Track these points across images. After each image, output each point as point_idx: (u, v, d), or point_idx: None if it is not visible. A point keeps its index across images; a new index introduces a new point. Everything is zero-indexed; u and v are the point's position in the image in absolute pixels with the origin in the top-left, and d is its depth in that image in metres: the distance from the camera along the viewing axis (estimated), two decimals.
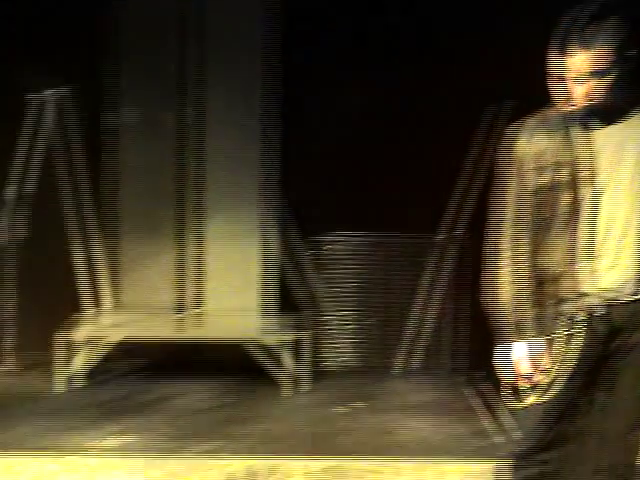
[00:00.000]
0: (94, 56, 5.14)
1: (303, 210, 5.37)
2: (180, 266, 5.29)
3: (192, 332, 5.11)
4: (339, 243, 5.46)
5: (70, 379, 4.88)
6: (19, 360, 5.26)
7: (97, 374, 5.02)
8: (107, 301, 5.38)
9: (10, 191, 5.27)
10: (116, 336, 4.99)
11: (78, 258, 5.32)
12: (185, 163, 5.32)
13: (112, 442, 4.04)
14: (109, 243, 5.35)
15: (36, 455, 3.87)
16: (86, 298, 5.33)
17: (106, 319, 5.25)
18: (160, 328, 5.09)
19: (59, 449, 3.94)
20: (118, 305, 5.37)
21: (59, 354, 4.88)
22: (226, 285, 5.29)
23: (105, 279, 5.37)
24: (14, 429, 4.20)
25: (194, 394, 4.81)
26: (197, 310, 5.29)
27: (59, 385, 4.87)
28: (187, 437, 4.12)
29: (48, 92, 5.29)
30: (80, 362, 4.93)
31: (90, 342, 4.96)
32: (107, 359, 5.07)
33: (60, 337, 4.88)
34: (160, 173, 5.32)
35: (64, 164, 5.33)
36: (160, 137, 5.32)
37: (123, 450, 3.97)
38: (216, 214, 5.32)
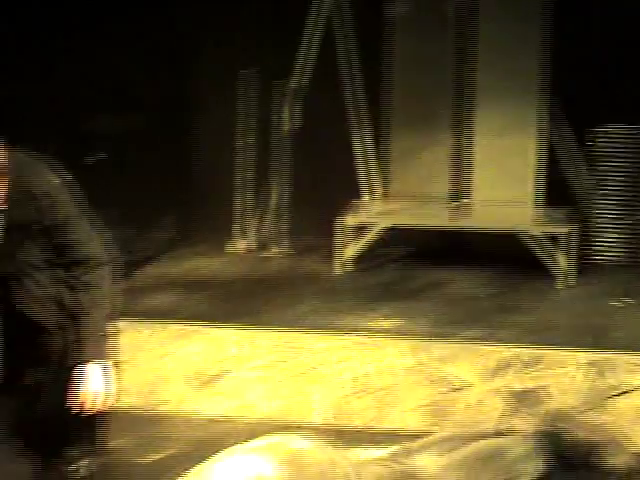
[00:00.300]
0: None
1: (578, 102, 5.24)
2: (454, 156, 5.32)
3: (463, 221, 5.16)
4: (612, 137, 5.31)
5: (345, 263, 5.06)
6: (294, 244, 5.49)
7: (370, 259, 5.17)
8: (378, 190, 5.48)
9: (293, 82, 5.42)
10: (386, 223, 5.10)
11: (353, 148, 5.44)
12: (462, 53, 5.29)
13: (384, 324, 4.20)
14: (382, 133, 5.44)
15: (316, 333, 4.10)
16: (361, 186, 5.47)
17: (377, 207, 5.37)
18: (431, 217, 5.17)
19: (336, 328, 4.16)
20: (389, 194, 5.46)
21: (338, 239, 5.05)
22: (499, 176, 5.28)
23: (376, 168, 5.46)
24: (294, 308, 4.45)
25: (464, 282, 4.88)
26: (468, 200, 5.32)
27: (337, 268, 5.05)
28: (456, 323, 4.21)
29: None
30: (356, 247, 5.09)
31: (364, 228, 5.11)
32: (379, 245, 5.23)
33: (339, 223, 5.05)
34: (436, 63, 5.32)
35: (342, 54, 5.41)
36: (438, 26, 5.29)
37: (394, 332, 4.11)
38: (491, 104, 5.28)
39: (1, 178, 3.08)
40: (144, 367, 4.12)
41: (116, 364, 3.33)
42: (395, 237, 5.11)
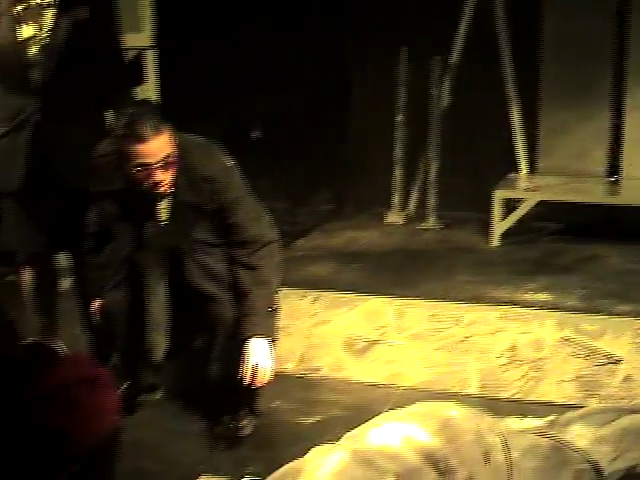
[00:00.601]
0: None
1: None
2: (609, 132, 5.20)
3: (618, 198, 5.05)
4: None
5: (499, 236, 5.02)
6: (450, 216, 5.50)
7: (522, 234, 5.11)
8: (532, 164, 5.42)
9: (451, 58, 5.40)
10: (541, 197, 5.03)
11: (509, 123, 5.39)
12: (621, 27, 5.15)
13: (537, 296, 4.15)
14: (531, 108, 5.35)
15: (469, 304, 4.10)
16: (516, 161, 5.41)
17: (531, 181, 5.30)
18: (585, 192, 5.07)
19: (490, 300, 4.13)
20: (542, 169, 5.38)
21: (496, 211, 5.01)
22: None
23: (522, 145, 5.40)
24: (449, 279, 4.44)
25: (617, 257, 4.75)
26: (621, 176, 5.20)
27: (493, 240, 5.02)
28: (609, 297, 4.12)
29: None
30: (510, 220, 5.04)
31: (518, 202, 5.06)
32: (533, 219, 5.17)
33: (497, 195, 5.01)
34: (593, 36, 5.19)
35: (499, 28, 5.34)
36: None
37: (547, 305, 4.06)
38: None
39: (169, 167, 3.21)
40: (303, 333, 4.22)
41: (275, 337, 3.45)
42: (546, 212, 5.02)
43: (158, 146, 3.14)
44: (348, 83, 5.92)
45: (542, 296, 4.13)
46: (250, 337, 3.33)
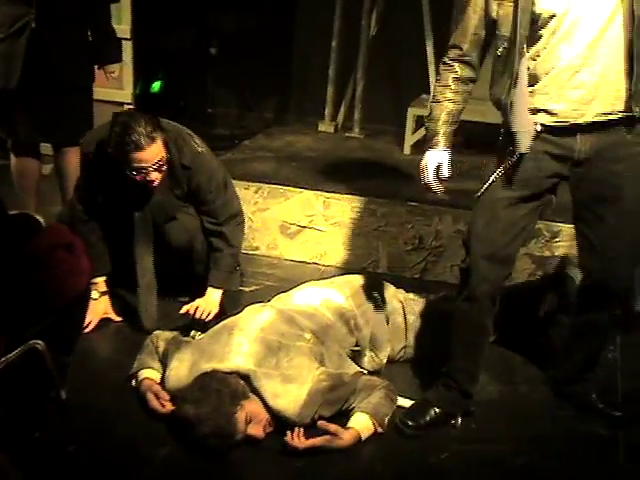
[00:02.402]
0: None
1: None
2: None
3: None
4: None
5: (411, 147, 5.01)
6: (373, 128, 5.44)
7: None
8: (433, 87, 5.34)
9: None
10: None
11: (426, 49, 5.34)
12: None
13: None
14: (444, 39, 5.27)
15: (382, 199, 4.13)
16: (427, 84, 5.38)
17: None
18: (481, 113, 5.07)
19: (397, 197, 4.17)
20: None
21: (409, 126, 4.98)
22: None
23: (433, 71, 5.31)
24: (371, 179, 4.44)
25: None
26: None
27: (406, 149, 5.01)
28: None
29: None
30: (421, 133, 5.03)
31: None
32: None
33: (410, 112, 4.98)
34: None
35: None
36: None
37: (446, 204, 4.09)
38: None
39: (161, 168, 3.12)
40: (248, 217, 4.21)
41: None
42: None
43: (153, 152, 3.06)
44: (294, 10, 5.81)
45: (441, 196, 4.07)
46: (208, 286, 3.40)
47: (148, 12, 5.24)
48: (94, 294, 3.35)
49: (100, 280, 3.45)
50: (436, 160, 2.71)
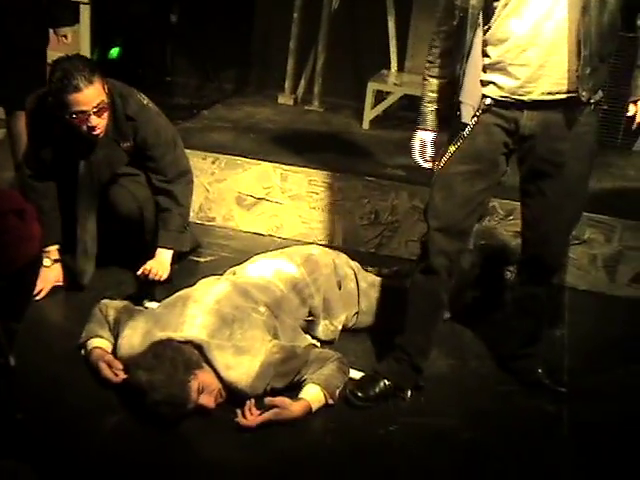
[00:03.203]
0: None
1: None
2: None
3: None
4: None
5: (369, 121, 5.02)
6: (333, 102, 5.43)
7: (391, 120, 5.13)
8: (394, 64, 5.37)
9: None
10: (402, 92, 5.02)
11: (387, 25, 5.32)
12: None
13: (395, 172, 4.21)
14: (405, 16, 5.24)
15: (339, 173, 4.11)
16: (388, 60, 5.38)
17: (399, 78, 5.26)
18: None
19: (357, 171, 4.16)
20: (409, 68, 5.33)
21: (368, 100, 4.98)
22: None
23: (394, 47, 5.34)
24: (328, 152, 4.42)
25: None
26: None
27: (365, 124, 5.01)
28: None
29: None
30: (380, 108, 5.05)
31: (388, 94, 5.06)
32: (398, 109, 5.18)
33: (370, 87, 4.99)
34: None
35: None
36: None
37: (402, 179, 4.12)
38: None
39: (103, 113, 3.08)
40: (203, 188, 4.21)
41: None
42: (409, 104, 5.01)
43: (92, 94, 3.03)
44: None
45: (399, 172, 4.19)
46: (158, 246, 3.35)
47: None
48: (46, 262, 3.30)
49: (52, 248, 3.39)
50: (421, 139, 2.78)
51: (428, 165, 2.79)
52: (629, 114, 2.57)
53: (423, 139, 2.78)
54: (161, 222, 3.41)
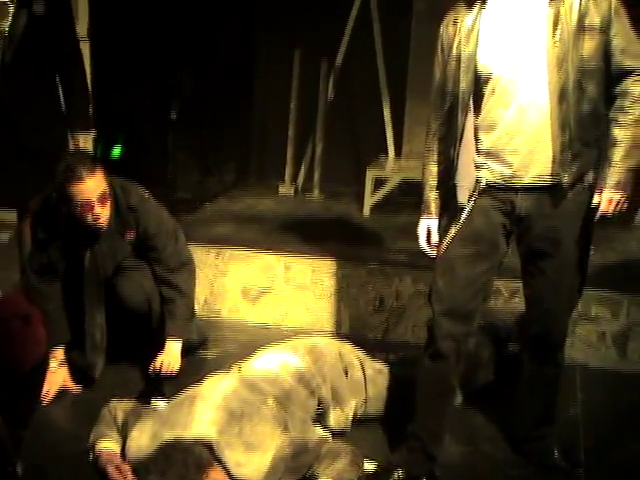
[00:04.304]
0: None
1: None
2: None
3: None
4: None
5: (370, 208, 5.08)
6: (332, 190, 5.51)
7: (391, 205, 5.18)
8: (399, 149, 5.46)
9: (339, 58, 5.39)
10: (401, 177, 5.10)
11: (383, 112, 5.43)
12: None
13: (398, 257, 4.24)
14: (400, 102, 5.37)
15: (343, 261, 4.15)
16: (387, 146, 5.48)
17: (396, 164, 5.35)
18: None
19: (360, 258, 4.19)
20: (405, 153, 5.42)
21: (368, 187, 5.05)
22: None
23: (391, 133, 5.44)
24: (331, 240, 4.45)
25: None
26: None
27: (365, 210, 5.08)
28: None
29: None
30: (379, 194, 5.11)
31: (387, 180, 5.13)
32: (398, 194, 5.24)
33: (369, 174, 5.07)
34: None
35: (377, 37, 5.36)
36: None
37: (406, 264, 4.14)
38: None
39: (105, 202, 3.16)
40: (207, 282, 4.24)
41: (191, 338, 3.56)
42: (408, 189, 5.08)
43: (95, 184, 3.12)
44: (252, 75, 5.89)
45: (402, 257, 4.22)
46: (167, 338, 3.38)
47: (107, 77, 5.28)
48: (52, 364, 3.29)
49: (58, 350, 3.40)
50: (427, 227, 2.81)
51: (435, 252, 2.80)
52: (594, 202, 2.58)
53: (429, 227, 2.81)
54: (167, 313, 3.43)
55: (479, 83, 2.54)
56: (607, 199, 2.54)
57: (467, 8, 2.56)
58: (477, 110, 2.58)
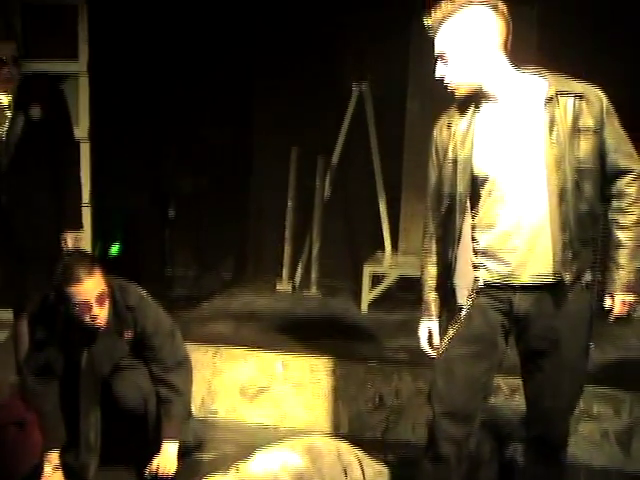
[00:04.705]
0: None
1: None
2: None
3: None
4: None
5: (368, 304, 5.09)
6: (330, 286, 5.55)
7: (389, 301, 5.18)
8: (388, 245, 5.52)
9: (335, 157, 5.48)
10: (398, 273, 5.13)
11: (379, 208, 5.50)
12: None
13: (398, 355, 4.21)
14: (395, 199, 5.45)
15: (341, 359, 4.10)
16: (382, 242, 5.53)
17: (393, 259, 5.39)
18: None
19: (358, 356, 4.17)
20: (402, 249, 5.48)
21: (365, 283, 5.07)
22: None
23: (387, 229, 5.50)
24: (329, 338, 4.43)
25: None
26: None
27: (363, 307, 5.09)
28: None
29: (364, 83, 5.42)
30: (377, 291, 5.13)
31: (384, 276, 5.15)
32: (395, 290, 5.26)
33: (366, 270, 5.10)
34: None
35: (371, 136, 5.47)
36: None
37: (406, 361, 4.12)
38: None
39: (103, 302, 3.19)
40: (204, 381, 4.19)
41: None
42: (406, 285, 5.11)
43: (93, 284, 3.15)
44: (249, 172, 5.99)
45: (400, 354, 4.20)
46: (163, 440, 3.35)
47: (107, 176, 5.36)
48: (46, 468, 3.22)
49: (54, 454, 3.33)
50: (428, 328, 2.80)
51: (436, 353, 2.79)
52: (605, 306, 2.60)
53: (430, 328, 2.80)
54: (164, 414, 3.39)
55: (476, 185, 2.58)
56: (620, 302, 2.56)
57: (460, 111, 2.62)
58: (474, 210, 2.61)
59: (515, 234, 2.53)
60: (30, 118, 3.59)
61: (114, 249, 5.58)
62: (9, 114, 3.59)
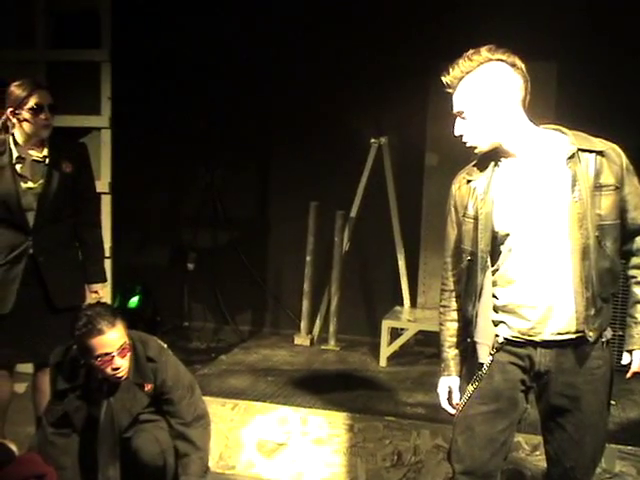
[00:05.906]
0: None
1: None
2: None
3: None
4: None
5: (387, 358, 5.09)
6: (348, 340, 5.57)
7: (407, 356, 5.21)
8: (407, 300, 5.54)
9: (353, 212, 5.55)
10: (417, 328, 5.14)
11: (397, 263, 5.52)
12: None
13: (416, 410, 4.21)
14: (414, 254, 5.48)
15: (360, 414, 4.10)
16: (400, 296, 5.54)
17: (412, 314, 5.40)
18: None
19: (377, 411, 4.17)
20: (422, 303, 5.49)
21: (384, 338, 5.08)
22: None
23: (406, 284, 5.53)
24: (347, 393, 4.45)
25: None
26: None
27: (381, 361, 5.08)
28: None
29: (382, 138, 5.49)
30: (396, 345, 5.12)
31: (403, 330, 5.16)
32: (414, 344, 5.25)
33: (385, 324, 5.11)
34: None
35: (389, 190, 5.51)
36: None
37: (425, 417, 4.10)
38: None
39: (125, 354, 3.23)
40: (222, 436, 4.18)
41: None
42: (425, 339, 5.12)
43: (115, 337, 3.19)
44: (268, 228, 6.05)
45: (419, 410, 4.18)
46: None
47: (128, 229, 5.44)
48: None
49: None
50: (447, 386, 2.78)
51: (455, 412, 2.77)
52: (624, 362, 2.59)
53: (449, 386, 2.79)
54: (181, 468, 3.38)
55: (496, 241, 2.59)
56: (638, 358, 2.55)
57: (479, 167, 2.64)
58: (494, 267, 2.61)
59: (536, 290, 2.53)
60: (63, 172, 3.68)
61: (133, 302, 5.62)
62: (42, 169, 3.68)
